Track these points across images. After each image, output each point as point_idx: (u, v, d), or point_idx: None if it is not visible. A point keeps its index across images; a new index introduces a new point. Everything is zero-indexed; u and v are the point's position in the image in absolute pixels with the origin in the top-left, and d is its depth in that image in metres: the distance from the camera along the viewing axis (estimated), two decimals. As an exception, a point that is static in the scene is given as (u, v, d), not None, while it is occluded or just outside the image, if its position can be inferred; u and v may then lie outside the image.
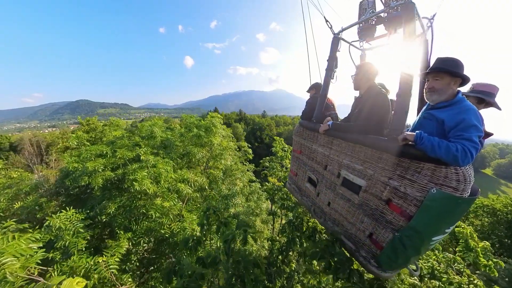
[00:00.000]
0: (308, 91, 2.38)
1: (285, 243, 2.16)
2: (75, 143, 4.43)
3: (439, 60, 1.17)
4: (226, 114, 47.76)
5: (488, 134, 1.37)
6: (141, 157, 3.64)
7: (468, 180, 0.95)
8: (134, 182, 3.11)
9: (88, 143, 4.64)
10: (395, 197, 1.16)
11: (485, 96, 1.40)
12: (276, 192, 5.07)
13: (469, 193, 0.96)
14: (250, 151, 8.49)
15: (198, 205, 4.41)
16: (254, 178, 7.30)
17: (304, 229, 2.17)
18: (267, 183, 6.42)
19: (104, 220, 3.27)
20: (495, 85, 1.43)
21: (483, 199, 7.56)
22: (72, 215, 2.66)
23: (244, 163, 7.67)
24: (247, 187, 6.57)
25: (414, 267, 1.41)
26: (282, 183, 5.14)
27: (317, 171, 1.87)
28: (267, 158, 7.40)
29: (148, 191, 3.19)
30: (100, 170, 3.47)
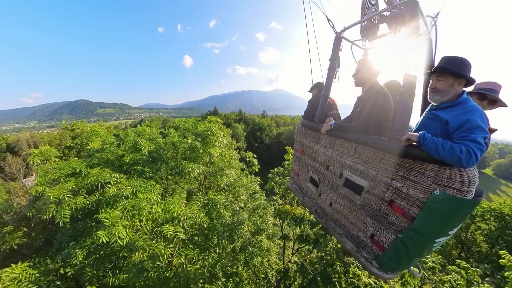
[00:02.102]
0: (310, 91, 2.37)
1: (307, 285, 1.89)
2: (39, 161, 3.13)
3: (444, 60, 1.15)
4: (226, 114, 47.67)
5: (492, 130, 1.35)
6: (111, 189, 2.52)
7: (472, 182, 0.94)
8: (98, 233, 2.10)
9: (57, 159, 3.38)
10: (398, 198, 1.15)
11: (487, 92, 1.38)
12: (288, 214, 4.46)
13: (473, 194, 0.95)
14: (256, 161, 7.32)
15: (196, 238, 3.35)
16: (258, 189, 6.51)
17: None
18: (273, 197, 5.69)
19: (70, 274, 2.34)
20: (497, 82, 1.40)
21: (490, 203, 7.31)
22: (23, 272, 1.99)
23: (249, 175, 6.64)
24: (251, 201, 5.76)
25: (416, 269, 1.41)
26: (300, 211, 4.28)
27: (319, 171, 1.86)
28: (275, 170, 6.58)
29: (121, 242, 2.15)
30: (66, 198, 2.53)
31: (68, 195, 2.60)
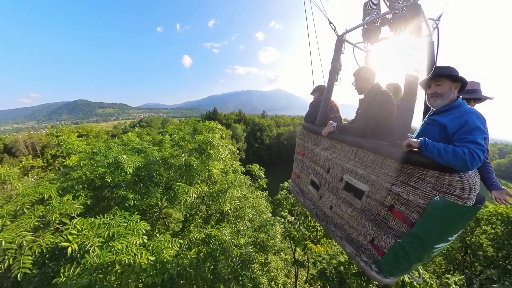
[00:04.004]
0: (311, 94, 2.36)
1: None
2: None
3: (438, 68, 1.22)
4: (226, 114, 47.57)
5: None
6: (69, 249, 1.87)
7: (473, 188, 0.94)
8: None
9: (20, 184, 2.67)
10: (398, 204, 1.15)
11: (469, 95, 1.41)
12: (303, 241, 4.01)
13: (474, 201, 0.95)
14: (263, 173, 6.23)
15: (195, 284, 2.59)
16: (266, 204, 5.92)
17: None
18: (282, 213, 5.10)
19: None
20: (475, 81, 1.45)
21: (496, 207, 7.02)
22: None
23: (255, 191, 5.72)
24: (257, 217, 5.09)
25: (416, 273, 1.41)
26: (324, 249, 3.63)
27: (319, 174, 1.86)
28: (285, 184, 5.89)
29: None
30: (25, 241, 1.90)
31: (28, 237, 1.92)
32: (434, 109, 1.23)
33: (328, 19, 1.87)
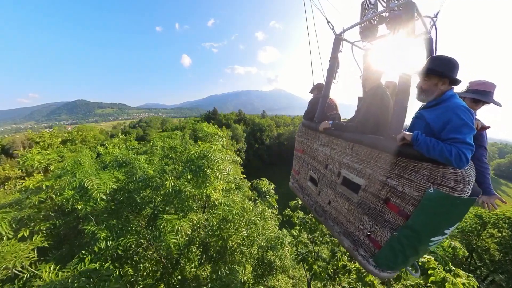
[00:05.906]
0: (311, 92, 2.39)
1: None
2: None
3: (431, 60, 1.16)
4: (225, 114, 47.60)
5: (485, 128, 1.36)
6: None
7: (467, 180, 0.95)
8: None
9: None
10: (393, 196, 1.17)
11: (481, 97, 1.38)
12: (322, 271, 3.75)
13: (469, 193, 0.96)
14: (272, 189, 5.46)
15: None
16: (275, 222, 5.34)
17: None
18: (293, 232, 4.85)
19: None
20: (491, 83, 1.39)
21: (504, 210, 6.79)
22: None
23: (266, 211, 4.75)
24: (266, 243, 4.39)
25: (414, 268, 1.43)
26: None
27: (318, 170, 1.88)
28: (299, 203, 5.36)
29: None
30: None
31: None
32: (423, 103, 1.22)
33: (326, 18, 1.90)
